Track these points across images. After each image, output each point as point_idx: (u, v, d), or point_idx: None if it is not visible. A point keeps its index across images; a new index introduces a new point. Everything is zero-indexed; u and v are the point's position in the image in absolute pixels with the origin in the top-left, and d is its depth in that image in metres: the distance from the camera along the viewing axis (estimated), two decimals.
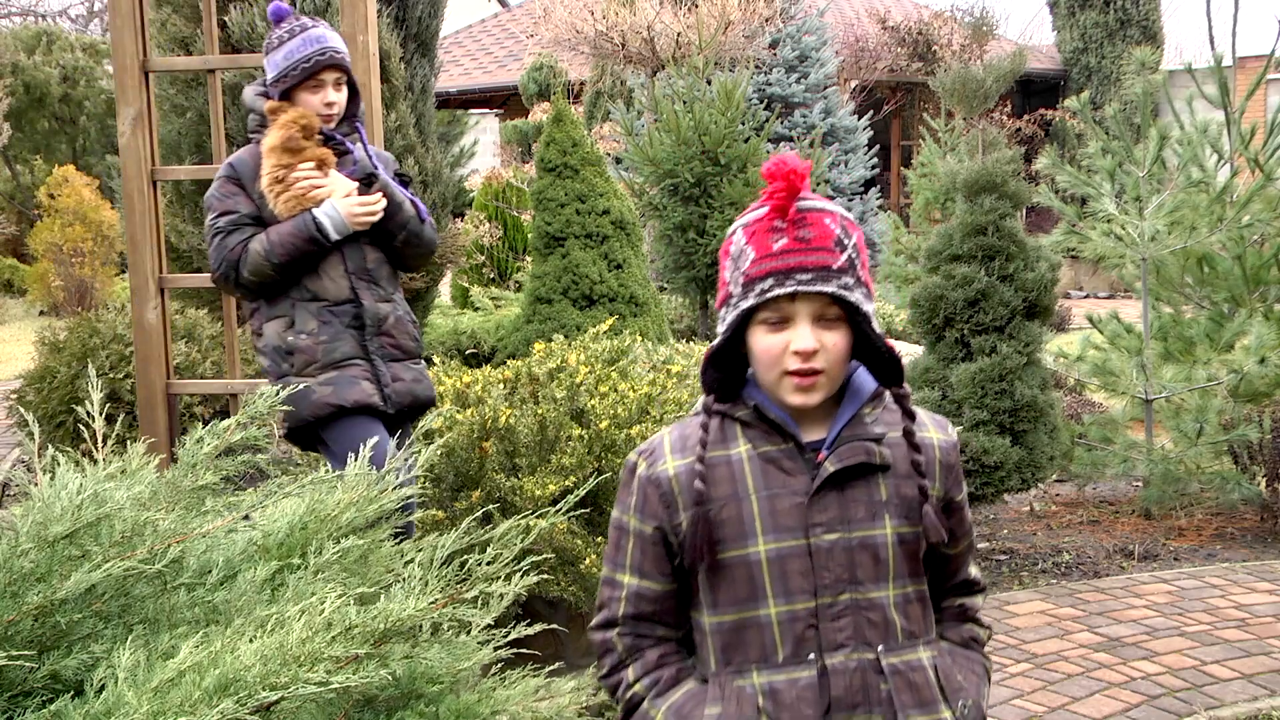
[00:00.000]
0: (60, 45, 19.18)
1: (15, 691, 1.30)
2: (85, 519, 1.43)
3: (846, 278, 1.59)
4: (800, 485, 1.64)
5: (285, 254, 3.14)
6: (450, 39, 22.70)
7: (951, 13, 20.19)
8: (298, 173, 3.14)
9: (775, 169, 1.59)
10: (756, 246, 1.61)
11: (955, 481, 1.73)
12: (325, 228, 3.15)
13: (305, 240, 3.14)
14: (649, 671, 1.70)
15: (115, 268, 14.48)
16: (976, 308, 5.30)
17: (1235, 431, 5.75)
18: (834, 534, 1.63)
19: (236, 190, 3.23)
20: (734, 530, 1.64)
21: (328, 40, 3.21)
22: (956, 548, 1.76)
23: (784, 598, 1.63)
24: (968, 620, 1.81)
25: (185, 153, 8.04)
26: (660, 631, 1.73)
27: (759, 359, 1.64)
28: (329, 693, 1.29)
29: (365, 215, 3.21)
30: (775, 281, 1.58)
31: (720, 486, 1.66)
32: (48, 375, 6.08)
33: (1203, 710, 3.73)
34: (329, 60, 3.19)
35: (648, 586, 1.71)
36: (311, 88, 3.21)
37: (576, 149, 5.77)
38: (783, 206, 1.60)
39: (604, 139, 13.78)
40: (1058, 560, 5.32)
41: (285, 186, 3.14)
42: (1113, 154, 6.27)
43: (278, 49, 3.20)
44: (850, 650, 1.62)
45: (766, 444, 1.66)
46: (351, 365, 3.23)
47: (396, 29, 9.00)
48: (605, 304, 5.62)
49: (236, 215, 3.20)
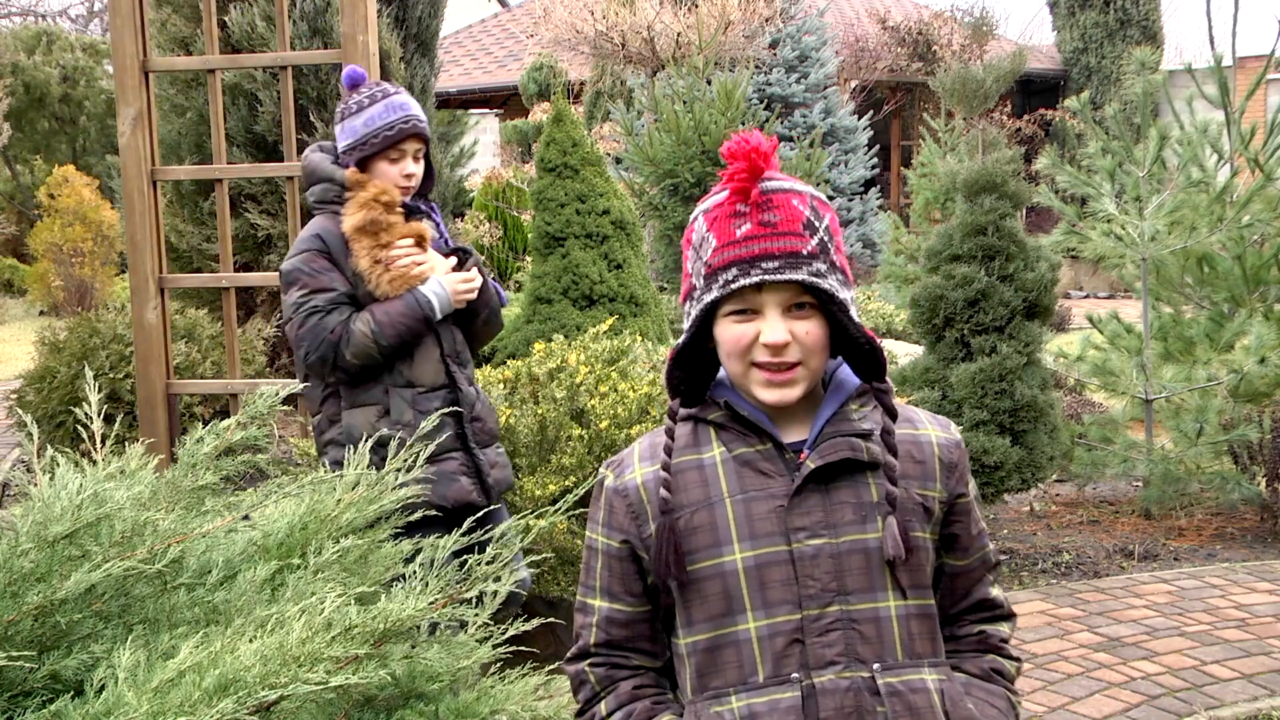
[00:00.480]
0: (60, 45, 19.19)
1: (15, 691, 1.30)
2: (85, 519, 1.43)
3: (818, 263, 1.44)
4: (780, 488, 1.48)
5: (395, 335, 2.90)
6: (450, 39, 22.70)
7: (951, 13, 20.19)
8: (398, 250, 2.94)
9: (736, 148, 1.44)
10: (718, 233, 1.46)
11: (960, 480, 1.56)
12: (434, 306, 2.96)
13: (418, 320, 2.93)
14: (623, 704, 1.55)
15: (115, 268, 14.49)
16: (976, 308, 5.30)
17: (1235, 431, 5.75)
18: (818, 539, 1.46)
19: (329, 266, 2.95)
20: (706, 538, 1.49)
21: (410, 108, 3.02)
22: (966, 559, 1.58)
23: (763, 610, 1.46)
24: (989, 650, 1.59)
25: (185, 153, 8.04)
26: (636, 660, 1.58)
27: (726, 350, 1.49)
28: (329, 692, 1.29)
29: (468, 292, 3.04)
30: (739, 271, 1.43)
31: (690, 492, 1.51)
32: (48, 375, 6.08)
33: (1203, 710, 3.73)
34: (412, 129, 2.99)
35: (618, 610, 1.57)
36: (391, 158, 3.00)
37: (576, 149, 5.76)
38: (744, 189, 1.45)
39: (604, 139, 13.78)
40: (1058, 560, 5.32)
41: (386, 266, 2.93)
42: (1113, 154, 6.27)
43: (356, 114, 2.99)
44: (841, 668, 1.45)
45: (742, 445, 1.52)
46: (449, 459, 2.99)
47: (396, 29, 9.01)
48: (605, 304, 5.62)
49: (334, 294, 2.93)
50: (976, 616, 1.60)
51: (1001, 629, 1.61)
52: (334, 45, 7.77)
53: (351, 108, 3.01)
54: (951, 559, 1.57)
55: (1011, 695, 1.58)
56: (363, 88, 3.03)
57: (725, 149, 1.45)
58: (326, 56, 4.05)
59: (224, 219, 4.01)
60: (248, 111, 7.94)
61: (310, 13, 7.96)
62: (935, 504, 1.54)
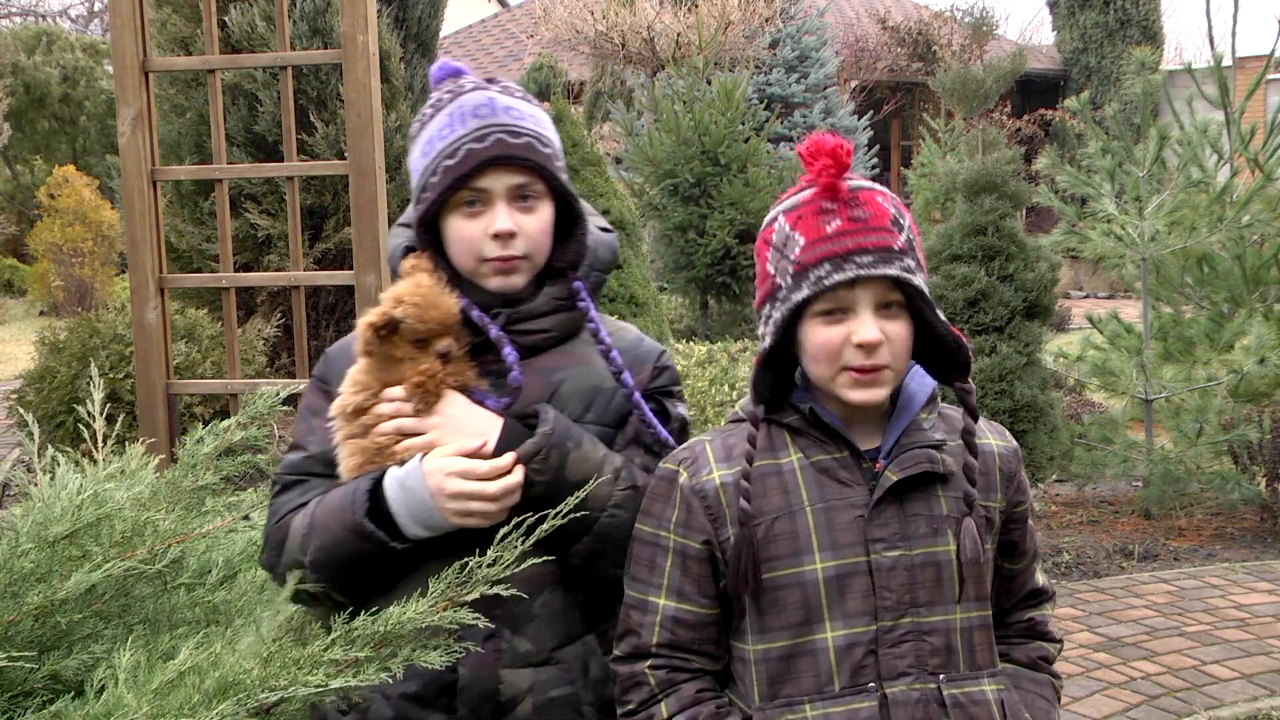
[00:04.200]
0: (60, 45, 19.20)
1: (15, 692, 1.30)
2: (85, 519, 1.43)
3: (908, 259, 1.42)
4: (858, 497, 1.47)
5: (323, 551, 1.61)
6: (450, 39, 22.70)
7: (951, 13, 20.20)
8: (384, 405, 1.63)
9: (817, 146, 1.41)
10: (805, 231, 1.42)
11: (1019, 490, 1.57)
12: (393, 510, 1.58)
13: (348, 531, 1.59)
14: (685, 708, 1.50)
15: (115, 268, 14.50)
16: (976, 308, 5.30)
17: (1235, 431, 5.75)
18: (895, 551, 1.46)
19: (321, 406, 1.72)
20: (787, 546, 1.47)
21: (495, 111, 1.64)
22: (1021, 562, 1.61)
23: (842, 621, 1.45)
24: (1036, 637, 1.64)
25: (185, 153, 8.05)
26: (698, 663, 1.53)
27: (814, 355, 1.45)
28: (329, 694, 1.29)
29: (476, 501, 1.56)
30: (833, 266, 1.39)
31: (771, 499, 1.49)
32: (48, 375, 6.09)
33: (1203, 710, 3.73)
34: (496, 151, 1.62)
35: (688, 611, 1.52)
36: (466, 206, 1.64)
37: (576, 149, 5.76)
38: (832, 184, 1.41)
39: (604, 139, 13.78)
40: (1058, 560, 5.32)
41: (364, 427, 1.65)
42: (1113, 154, 6.27)
43: (419, 134, 1.71)
44: (912, 679, 1.45)
45: (819, 452, 1.49)
46: None
47: (396, 29, 9.01)
48: (605, 304, 5.62)
49: (301, 457, 1.73)
50: (1025, 604, 1.64)
51: (1045, 611, 1.65)
52: (334, 45, 7.77)
53: (424, 116, 1.72)
54: (1008, 563, 1.59)
55: (1055, 681, 1.62)
56: (444, 84, 1.71)
57: (804, 148, 1.42)
58: (326, 56, 4.06)
59: (224, 219, 4.01)
60: (248, 111, 7.95)
61: (310, 13, 7.97)
62: (996, 514, 1.54)
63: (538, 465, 1.57)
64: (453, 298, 1.62)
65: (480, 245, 1.63)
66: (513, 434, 1.59)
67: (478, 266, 1.64)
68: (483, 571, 1.40)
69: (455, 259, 1.67)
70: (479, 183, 1.62)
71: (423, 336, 1.61)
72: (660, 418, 1.69)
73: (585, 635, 1.66)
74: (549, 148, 1.67)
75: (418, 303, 1.60)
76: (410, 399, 1.60)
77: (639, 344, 1.75)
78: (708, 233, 8.57)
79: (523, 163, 1.62)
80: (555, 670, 1.62)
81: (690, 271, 8.73)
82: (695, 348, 6.54)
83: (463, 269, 1.66)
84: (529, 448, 1.57)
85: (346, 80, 3.69)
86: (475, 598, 1.39)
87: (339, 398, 1.66)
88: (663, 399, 1.71)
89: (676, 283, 8.99)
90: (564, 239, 1.71)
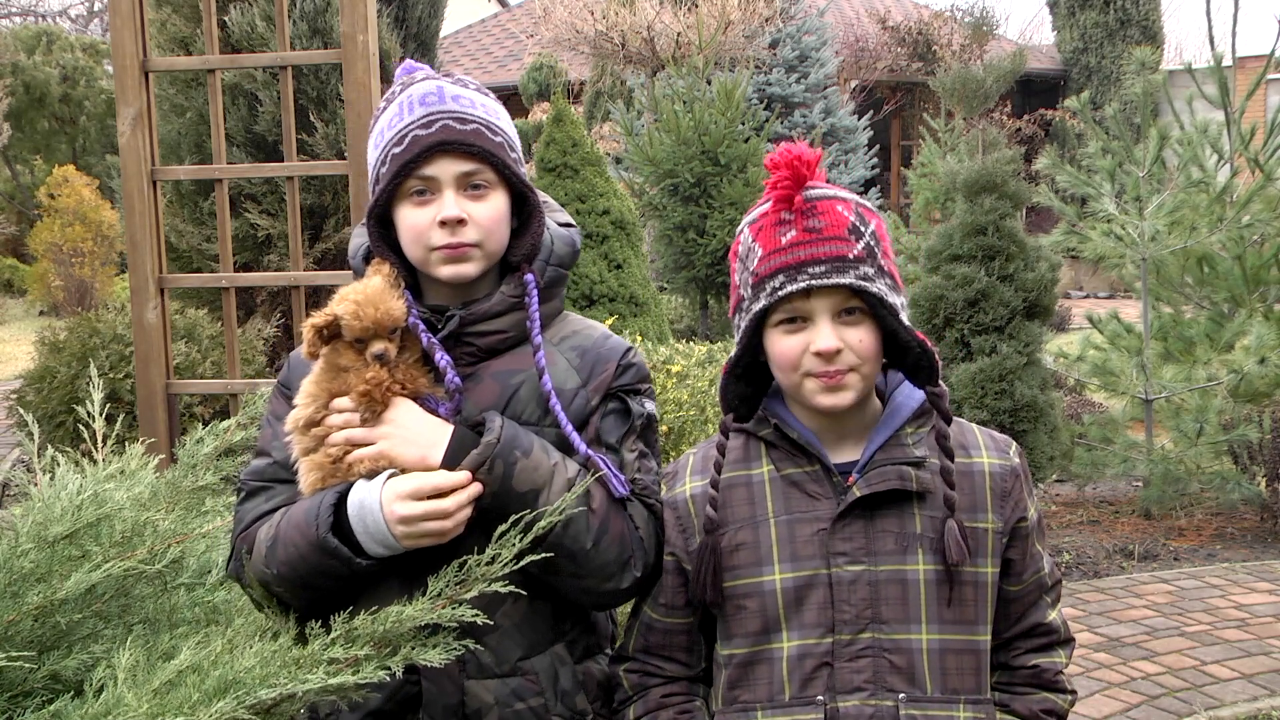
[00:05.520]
0: (60, 45, 19.20)
1: (15, 691, 1.30)
2: (85, 519, 1.43)
3: (865, 267, 1.42)
4: (824, 511, 1.48)
5: (286, 563, 1.59)
6: (450, 39, 22.70)
7: (951, 13, 20.19)
8: (334, 416, 1.60)
9: (779, 157, 1.44)
10: (763, 242, 1.45)
11: (1016, 508, 1.52)
12: (354, 529, 1.55)
13: (311, 546, 1.56)
14: (649, 711, 1.57)
15: (115, 268, 14.50)
16: (976, 308, 5.30)
17: (1235, 431, 5.75)
18: (858, 565, 1.46)
19: (284, 410, 1.69)
20: (749, 557, 1.49)
21: (443, 99, 1.62)
22: (1019, 584, 1.54)
23: (798, 632, 1.47)
24: (1042, 687, 1.54)
25: (185, 153, 8.04)
26: (670, 669, 1.59)
27: (778, 363, 1.48)
28: (330, 693, 1.29)
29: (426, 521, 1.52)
30: (786, 278, 1.42)
31: (738, 509, 1.51)
32: (48, 375, 6.09)
33: (1203, 710, 3.73)
34: (442, 137, 1.59)
35: (657, 619, 1.59)
36: (415, 195, 1.62)
37: (576, 149, 5.77)
38: (787, 196, 1.44)
39: (604, 139, 13.78)
40: (1058, 560, 5.32)
41: (317, 440, 1.62)
42: (1113, 154, 6.27)
43: (373, 127, 1.69)
44: (868, 695, 1.44)
45: (791, 465, 1.51)
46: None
47: (396, 29, 9.01)
48: (605, 304, 5.62)
49: (264, 464, 1.71)
50: (1030, 644, 1.55)
51: (1056, 658, 1.56)
52: (334, 45, 7.77)
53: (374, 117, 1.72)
54: (1005, 584, 1.54)
55: None
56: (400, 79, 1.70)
57: (769, 160, 1.44)
58: (326, 56, 4.05)
59: (224, 219, 4.01)
60: (248, 111, 7.95)
61: (310, 13, 7.97)
62: (988, 535, 1.49)
63: (482, 476, 1.53)
64: (399, 301, 1.59)
65: (428, 234, 1.60)
66: (462, 442, 1.55)
67: (427, 256, 1.61)
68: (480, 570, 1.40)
69: (406, 250, 1.64)
70: (426, 170, 1.58)
71: (360, 337, 1.58)
72: (622, 415, 1.65)
73: (554, 645, 1.63)
74: (499, 136, 1.63)
75: (357, 300, 1.57)
76: (358, 408, 1.57)
77: (604, 341, 1.70)
78: (708, 233, 8.57)
79: (469, 149, 1.58)
80: (521, 681, 1.60)
81: (690, 271, 8.73)
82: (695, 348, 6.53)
83: (414, 259, 1.64)
84: (473, 458, 1.53)
85: (346, 80, 3.69)
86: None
87: (292, 411, 1.64)
88: (627, 397, 1.66)
89: (676, 283, 8.99)
90: (521, 232, 1.68)
